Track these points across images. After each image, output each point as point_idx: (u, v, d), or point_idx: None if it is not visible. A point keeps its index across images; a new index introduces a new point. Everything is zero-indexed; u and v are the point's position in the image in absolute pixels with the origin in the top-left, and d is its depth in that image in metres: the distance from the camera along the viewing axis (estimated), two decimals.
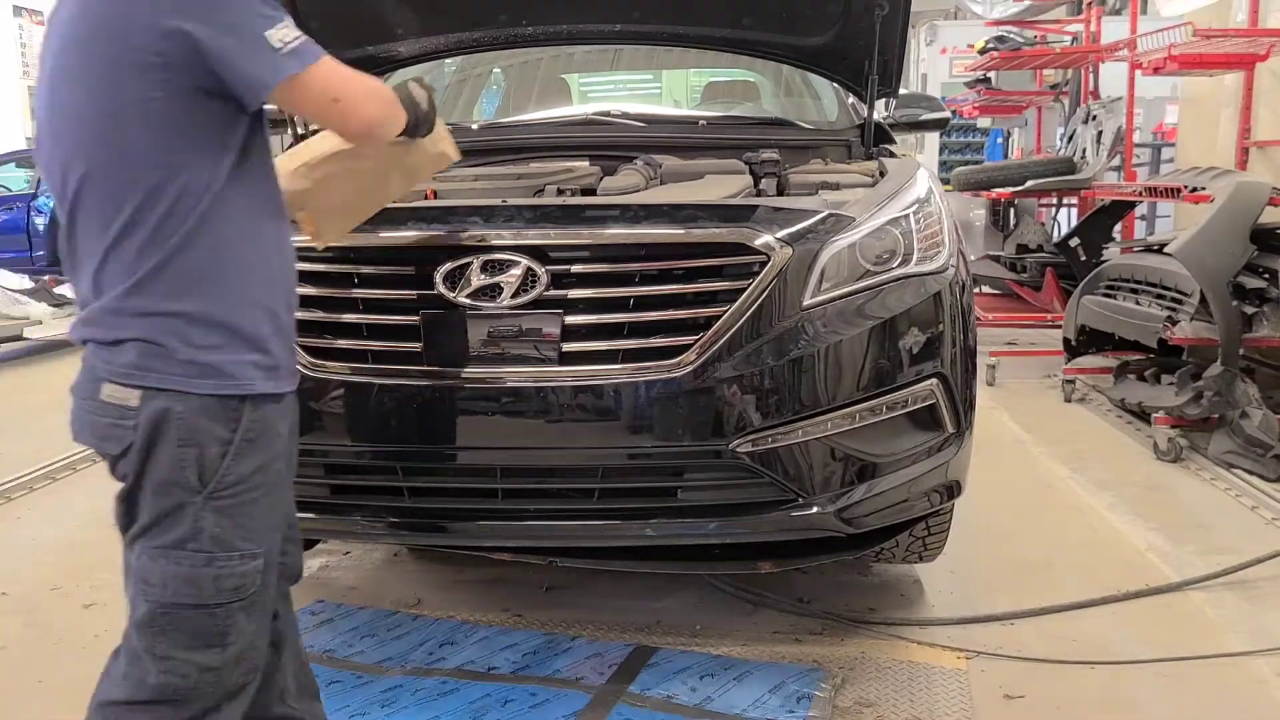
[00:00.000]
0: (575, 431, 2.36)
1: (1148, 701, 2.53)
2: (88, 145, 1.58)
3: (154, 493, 1.61)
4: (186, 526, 1.61)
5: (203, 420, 1.60)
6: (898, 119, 3.66)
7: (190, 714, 1.66)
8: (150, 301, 1.59)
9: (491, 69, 4.44)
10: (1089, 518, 3.84)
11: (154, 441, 1.59)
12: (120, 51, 1.54)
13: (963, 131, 11.52)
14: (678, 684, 2.56)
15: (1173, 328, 4.60)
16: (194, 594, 1.62)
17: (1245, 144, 6.20)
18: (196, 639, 1.63)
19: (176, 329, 1.59)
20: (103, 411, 1.60)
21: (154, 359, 1.58)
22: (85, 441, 1.66)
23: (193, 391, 1.59)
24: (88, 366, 1.64)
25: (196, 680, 1.64)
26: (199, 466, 1.60)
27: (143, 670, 1.64)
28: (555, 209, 2.51)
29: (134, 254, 1.58)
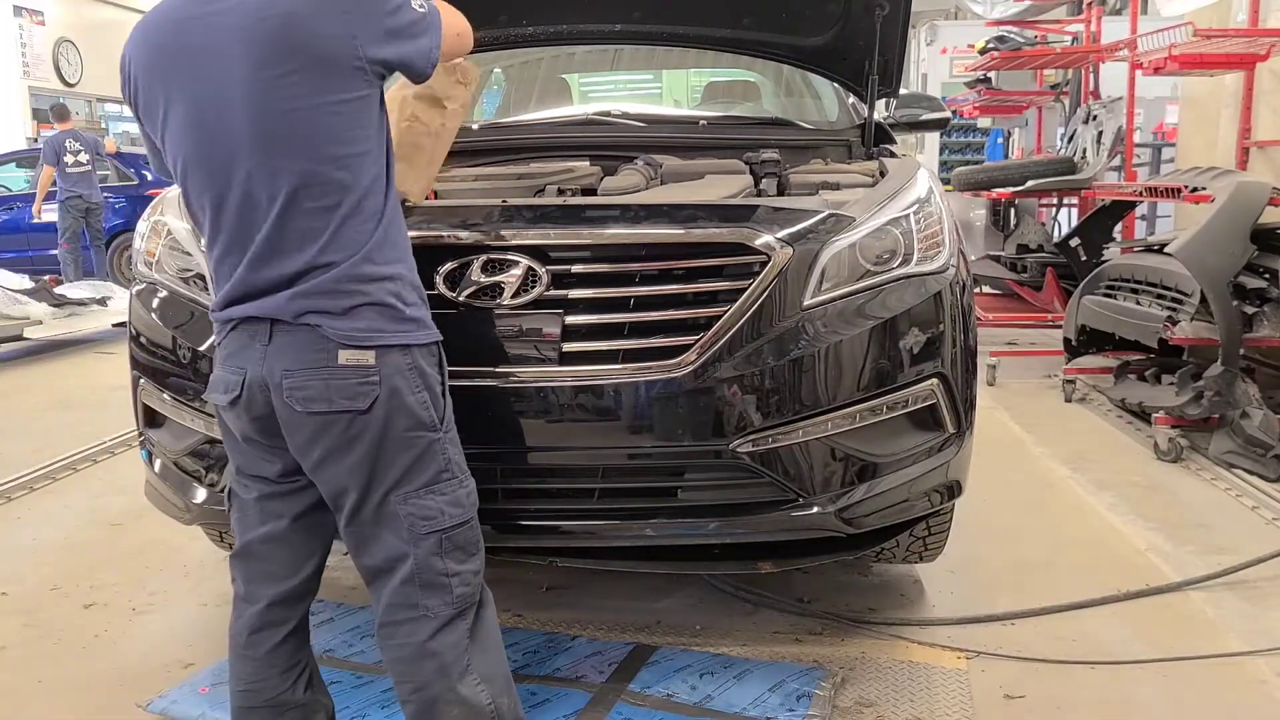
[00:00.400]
0: (575, 431, 2.36)
1: (1148, 701, 2.54)
2: (305, 145, 1.80)
3: (402, 441, 1.86)
4: (439, 461, 1.91)
5: (426, 367, 1.90)
6: (898, 119, 3.66)
7: (473, 617, 1.98)
8: (374, 269, 1.84)
9: (491, 69, 4.44)
10: (1089, 518, 3.84)
11: (396, 390, 1.84)
12: (330, 67, 1.79)
13: (963, 131, 11.51)
14: (677, 682, 2.56)
15: (1173, 328, 4.60)
16: (461, 513, 1.94)
17: (1245, 144, 6.20)
18: (467, 550, 1.96)
19: (395, 292, 1.86)
20: (343, 374, 1.81)
21: (384, 320, 1.84)
22: (322, 408, 1.82)
23: (415, 344, 1.87)
24: (305, 340, 1.81)
25: (474, 585, 1.97)
26: (433, 406, 1.90)
27: (443, 595, 1.92)
28: (555, 209, 2.51)
29: (352, 233, 1.82)
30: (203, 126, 1.82)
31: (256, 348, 1.84)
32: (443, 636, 1.92)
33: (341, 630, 2.89)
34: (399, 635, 1.93)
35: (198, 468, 2.57)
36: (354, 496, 1.89)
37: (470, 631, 1.96)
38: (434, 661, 1.92)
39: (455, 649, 1.93)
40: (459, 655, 1.93)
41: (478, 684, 1.95)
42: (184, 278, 2.55)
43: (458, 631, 1.94)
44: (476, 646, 1.97)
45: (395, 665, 1.96)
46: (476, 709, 1.94)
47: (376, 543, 1.92)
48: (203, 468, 2.54)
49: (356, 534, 1.93)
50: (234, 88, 1.78)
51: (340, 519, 1.94)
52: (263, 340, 1.84)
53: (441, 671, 1.92)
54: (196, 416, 2.48)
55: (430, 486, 1.90)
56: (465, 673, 1.93)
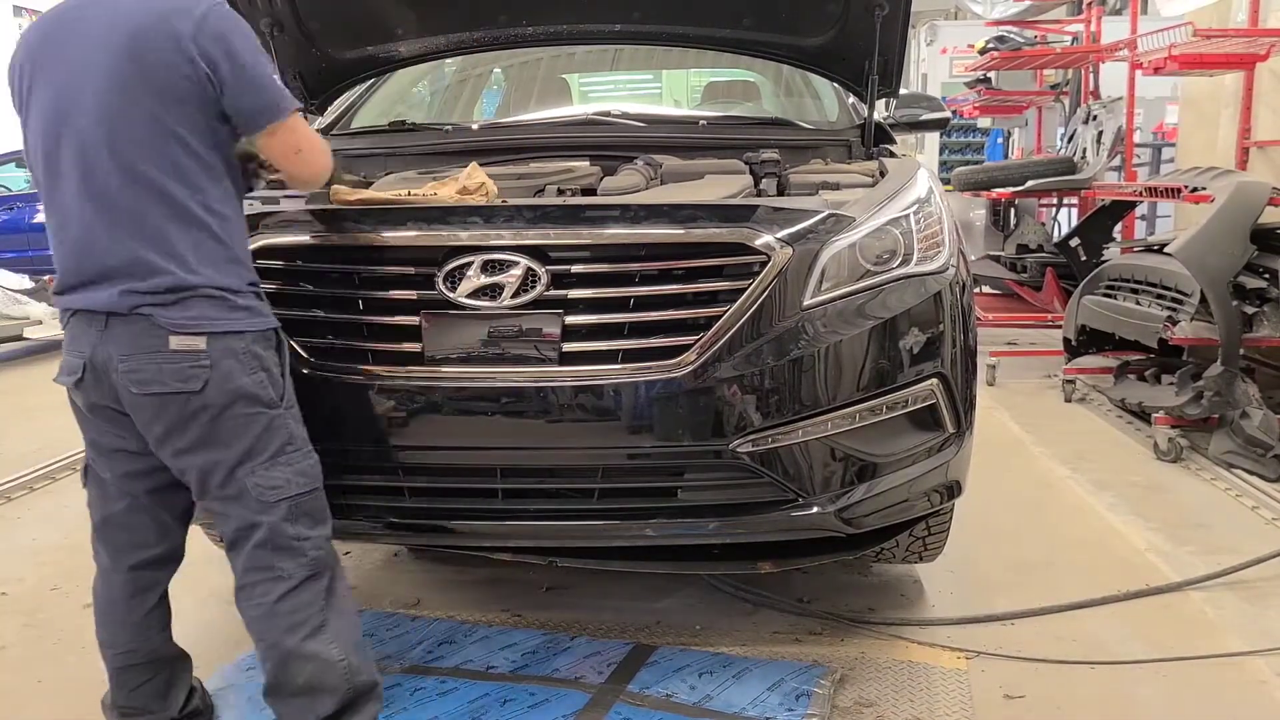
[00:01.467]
0: (575, 431, 2.36)
1: (1148, 701, 2.54)
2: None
3: (241, 419, 2.02)
4: (282, 435, 2.07)
5: (261, 350, 2.05)
6: (898, 119, 3.65)
7: (327, 579, 2.13)
8: (205, 269, 2.01)
9: (491, 69, 4.44)
10: (1089, 518, 3.84)
11: (230, 372, 2.00)
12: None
13: (963, 131, 11.51)
14: (676, 682, 2.56)
15: (1173, 328, 4.60)
16: (307, 482, 2.11)
17: (1245, 144, 6.19)
18: (315, 517, 2.13)
19: (225, 285, 2.02)
20: (174, 359, 1.97)
21: (214, 309, 2.00)
22: (156, 390, 1.97)
23: (247, 330, 2.03)
24: (140, 328, 1.97)
25: (326, 550, 2.13)
26: (271, 386, 2.06)
27: (295, 558, 2.08)
28: (555, 209, 2.51)
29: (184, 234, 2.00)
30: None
31: (93, 333, 2.00)
32: (296, 595, 2.08)
33: None
34: (255, 596, 2.09)
35: None
36: (200, 472, 2.05)
37: (325, 593, 2.12)
38: (287, 619, 2.07)
39: (310, 608, 2.09)
40: (313, 614, 2.09)
41: (331, 642, 2.10)
42: None
43: (311, 591, 2.09)
44: (332, 608, 2.13)
45: (253, 625, 2.11)
46: (328, 664, 2.09)
47: (230, 514, 2.08)
48: None
49: (211, 504, 2.10)
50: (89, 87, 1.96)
51: (193, 492, 2.10)
52: (99, 327, 1.99)
53: (293, 629, 2.07)
54: None
55: (275, 458, 2.06)
56: (319, 630, 2.09)
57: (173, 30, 1.94)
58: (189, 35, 1.94)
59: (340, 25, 3.26)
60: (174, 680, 2.31)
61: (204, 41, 1.95)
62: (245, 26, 2.03)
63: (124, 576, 2.21)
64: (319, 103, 3.48)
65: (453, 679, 2.60)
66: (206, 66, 1.95)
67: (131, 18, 1.96)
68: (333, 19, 3.21)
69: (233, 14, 2.02)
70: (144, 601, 2.22)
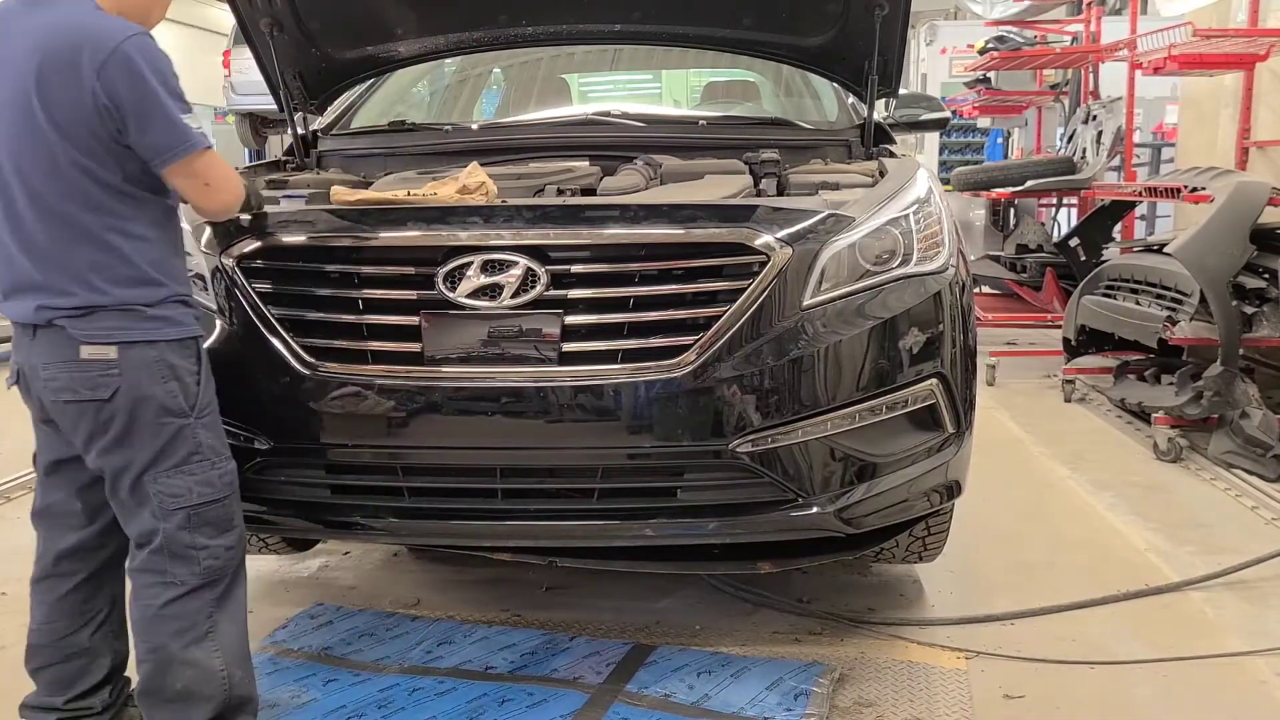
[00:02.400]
0: (575, 431, 2.36)
1: (1148, 701, 2.53)
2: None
3: (151, 427, 2.06)
4: (189, 444, 2.10)
5: (175, 360, 2.08)
6: (898, 119, 3.65)
7: (221, 589, 2.16)
8: (122, 283, 2.05)
9: (491, 69, 4.43)
10: (1089, 518, 3.84)
11: (139, 381, 2.04)
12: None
13: (963, 131, 11.50)
14: (675, 682, 2.56)
15: (1173, 328, 4.60)
16: (211, 492, 2.13)
17: (1245, 144, 6.19)
18: (219, 527, 2.15)
19: (138, 297, 2.06)
20: (85, 368, 2.02)
21: (125, 320, 2.04)
22: (69, 398, 2.05)
23: (160, 339, 2.06)
24: (57, 339, 2.03)
25: (224, 559, 2.16)
26: (183, 395, 2.09)
27: (189, 566, 2.11)
28: (555, 209, 2.51)
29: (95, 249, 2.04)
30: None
31: (25, 341, 2.10)
32: (184, 602, 2.11)
33: (339, 630, 2.89)
34: (144, 598, 2.13)
35: None
36: (113, 474, 2.11)
37: (217, 601, 2.15)
38: (173, 624, 2.11)
39: (197, 614, 2.12)
40: (199, 621, 2.12)
41: (215, 651, 2.13)
42: None
43: (201, 599, 2.13)
44: (223, 615, 2.16)
45: (137, 626, 2.15)
46: (209, 672, 2.12)
47: (135, 517, 2.13)
48: None
49: (119, 507, 2.15)
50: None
51: (106, 491, 2.15)
52: (29, 336, 2.08)
53: (178, 634, 2.11)
54: None
55: (180, 467, 2.10)
56: (203, 638, 2.12)
57: (79, 63, 1.93)
58: (94, 70, 1.92)
59: (340, 25, 3.25)
60: (82, 673, 2.29)
61: (107, 78, 1.93)
62: (159, 61, 1.99)
63: (49, 560, 2.28)
64: (319, 103, 3.48)
65: (451, 679, 2.60)
66: (108, 101, 1.94)
67: (45, 45, 1.96)
68: (333, 19, 3.21)
69: (147, 48, 1.98)
70: (60, 586, 2.26)
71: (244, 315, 2.39)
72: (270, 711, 2.46)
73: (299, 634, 2.87)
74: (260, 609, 3.07)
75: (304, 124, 3.45)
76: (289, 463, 2.46)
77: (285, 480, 2.49)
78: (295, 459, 2.46)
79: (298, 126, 3.38)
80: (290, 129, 3.37)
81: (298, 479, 2.50)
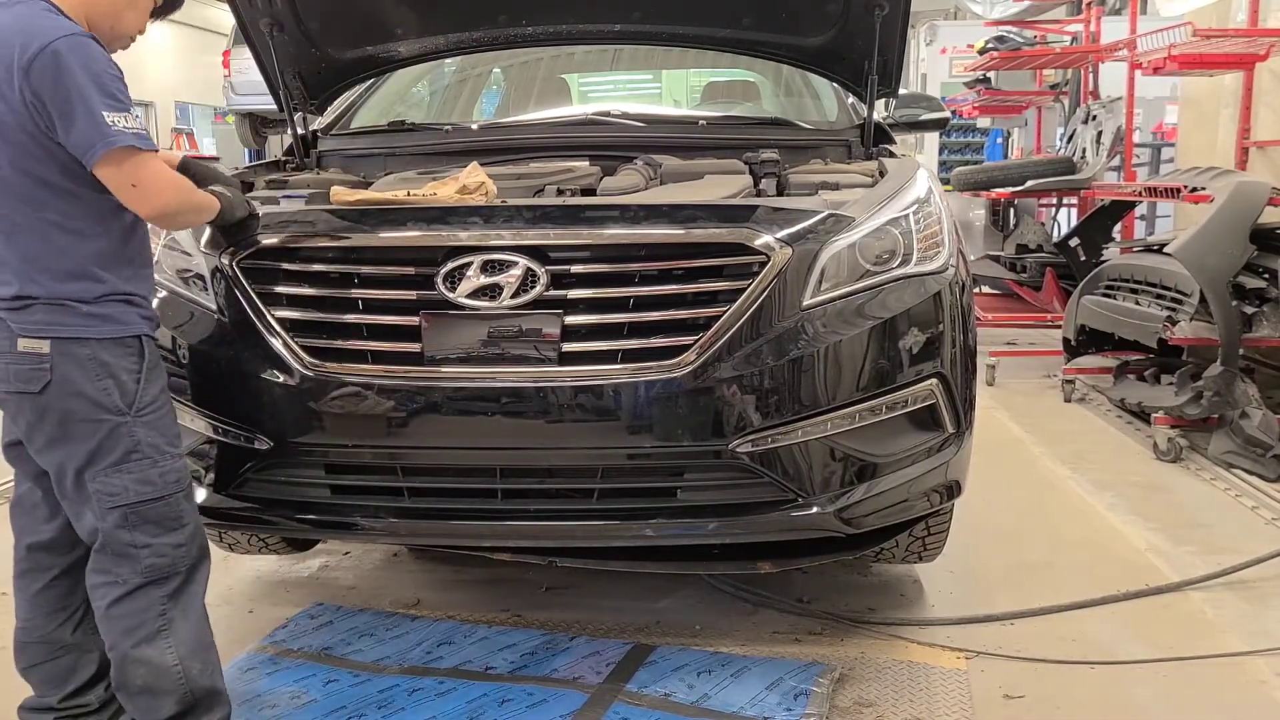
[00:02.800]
0: (575, 431, 2.36)
1: (1148, 701, 2.53)
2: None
3: (84, 424, 2.05)
4: (126, 442, 2.07)
5: (109, 358, 2.06)
6: (898, 119, 3.65)
7: (173, 586, 2.14)
8: (56, 278, 2.06)
9: (491, 69, 4.44)
10: (1089, 518, 3.84)
11: (70, 377, 2.03)
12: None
13: (963, 131, 11.50)
14: (675, 681, 2.56)
15: (1173, 328, 4.60)
16: (150, 490, 2.10)
17: (1245, 144, 6.19)
18: (163, 525, 2.13)
19: (73, 294, 2.05)
20: (19, 360, 2.03)
21: (60, 315, 2.03)
22: (2, 389, 2.06)
23: (93, 337, 2.05)
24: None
25: (173, 557, 2.14)
26: (119, 393, 2.07)
27: (131, 564, 2.10)
28: (555, 209, 2.51)
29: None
30: None
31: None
32: (130, 601, 2.11)
33: (340, 630, 2.89)
34: (95, 597, 2.14)
35: (197, 468, 2.57)
36: (55, 471, 2.11)
37: (169, 598, 2.14)
38: (121, 623, 2.11)
39: (145, 614, 2.12)
40: (148, 620, 2.12)
41: (168, 648, 2.12)
42: (184, 278, 2.55)
43: (148, 598, 2.12)
44: (178, 612, 2.15)
45: (98, 624, 2.16)
46: (163, 669, 2.12)
47: (81, 515, 2.13)
48: (202, 468, 2.54)
49: (67, 505, 2.15)
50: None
51: (55, 489, 2.14)
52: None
53: (127, 633, 2.11)
54: (197, 417, 2.48)
55: (118, 466, 2.08)
56: (155, 636, 2.12)
57: (9, 62, 1.95)
58: (22, 69, 1.93)
59: (340, 25, 3.25)
60: (73, 670, 2.29)
61: (34, 76, 1.93)
62: (93, 61, 1.98)
63: (21, 554, 2.27)
64: (319, 103, 3.48)
65: (451, 679, 2.60)
66: (34, 99, 1.94)
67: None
68: (333, 19, 3.21)
69: (78, 45, 1.97)
70: (35, 580, 2.25)
71: (244, 315, 2.39)
72: (270, 711, 2.46)
73: (299, 634, 2.87)
74: (260, 609, 3.07)
75: (304, 124, 3.45)
76: (289, 463, 2.46)
77: (285, 480, 2.49)
78: (295, 459, 2.46)
79: (298, 126, 3.38)
80: (290, 129, 3.37)
81: (297, 479, 2.50)
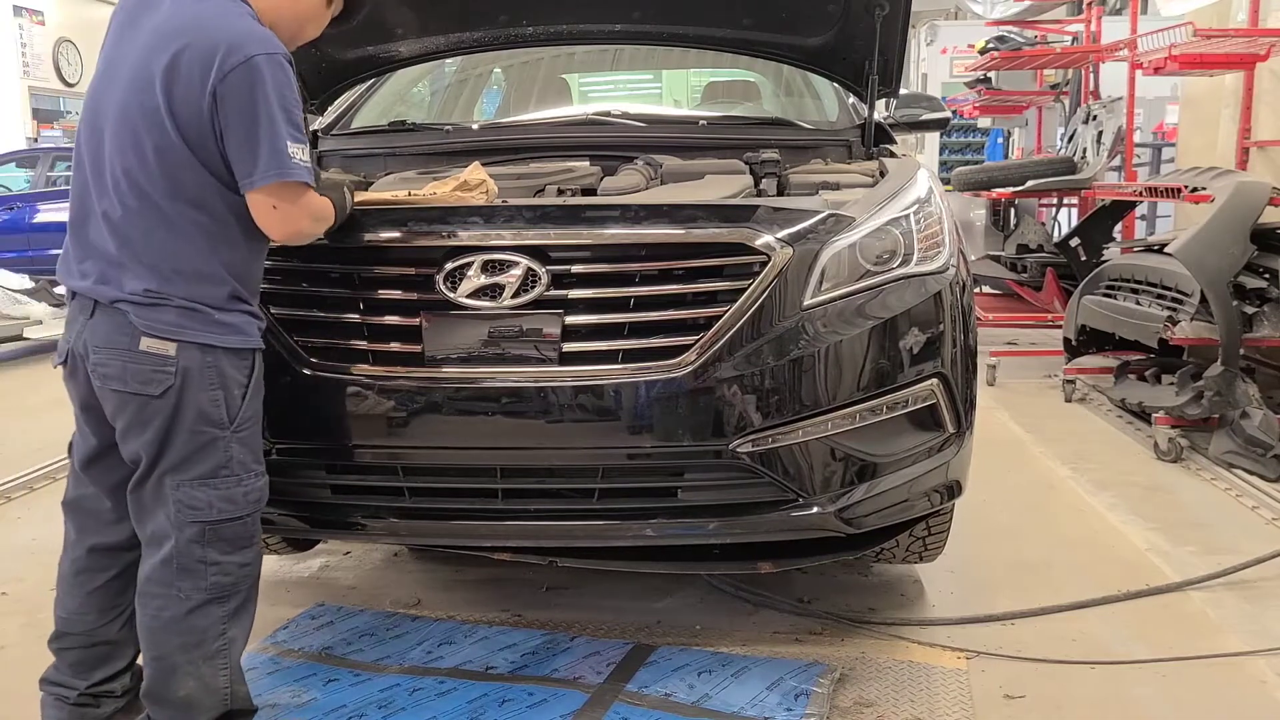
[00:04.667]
0: (575, 431, 2.36)
1: (1148, 701, 2.53)
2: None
3: (188, 432, 2.01)
4: (219, 457, 2.05)
5: (227, 368, 2.05)
6: (898, 119, 3.65)
7: (233, 606, 2.12)
8: (188, 277, 2.04)
9: (491, 69, 4.43)
10: (1089, 518, 3.84)
11: (189, 384, 2.00)
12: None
13: (963, 131, 11.50)
14: (675, 682, 2.56)
15: (1173, 328, 4.60)
16: (233, 509, 2.07)
17: (1245, 144, 6.19)
18: (235, 544, 2.09)
19: (207, 296, 2.04)
20: (141, 360, 1.98)
21: (188, 318, 2.01)
22: (117, 387, 2.00)
23: (218, 345, 2.03)
24: (117, 322, 2.00)
25: (237, 576, 2.11)
26: (225, 406, 2.05)
27: (195, 580, 2.06)
28: (555, 209, 2.51)
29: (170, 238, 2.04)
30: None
31: (81, 320, 2.04)
32: (193, 618, 2.07)
33: (340, 630, 2.89)
34: (150, 607, 2.09)
35: None
36: (141, 469, 2.06)
37: (229, 617, 2.11)
38: (179, 638, 2.07)
39: (207, 631, 2.08)
40: (209, 638, 2.09)
41: (223, 668, 2.10)
42: None
43: (210, 616, 2.08)
44: (239, 632, 2.14)
45: (143, 631, 2.11)
46: (213, 689, 2.10)
47: (150, 517, 2.08)
48: None
49: (136, 501, 2.10)
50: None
51: (130, 483, 2.10)
52: (87, 314, 2.03)
53: (186, 648, 2.07)
54: None
55: (206, 479, 2.04)
56: (214, 656, 2.09)
57: (209, 60, 1.94)
58: (221, 72, 1.94)
59: (340, 25, 3.25)
60: (105, 659, 2.28)
61: (231, 83, 1.94)
62: (284, 81, 1.99)
63: (80, 553, 2.24)
64: (319, 103, 3.48)
65: (452, 679, 2.60)
66: (218, 105, 1.95)
67: (184, 33, 1.97)
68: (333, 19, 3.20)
69: (278, 66, 1.99)
70: (92, 580, 2.23)
71: None
72: (270, 711, 2.46)
73: (299, 634, 2.87)
74: (260, 609, 3.03)
75: (304, 124, 3.44)
76: (290, 463, 2.46)
77: (285, 480, 2.48)
78: (296, 459, 2.46)
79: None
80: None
81: (298, 479, 2.50)
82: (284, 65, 2.02)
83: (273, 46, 2.00)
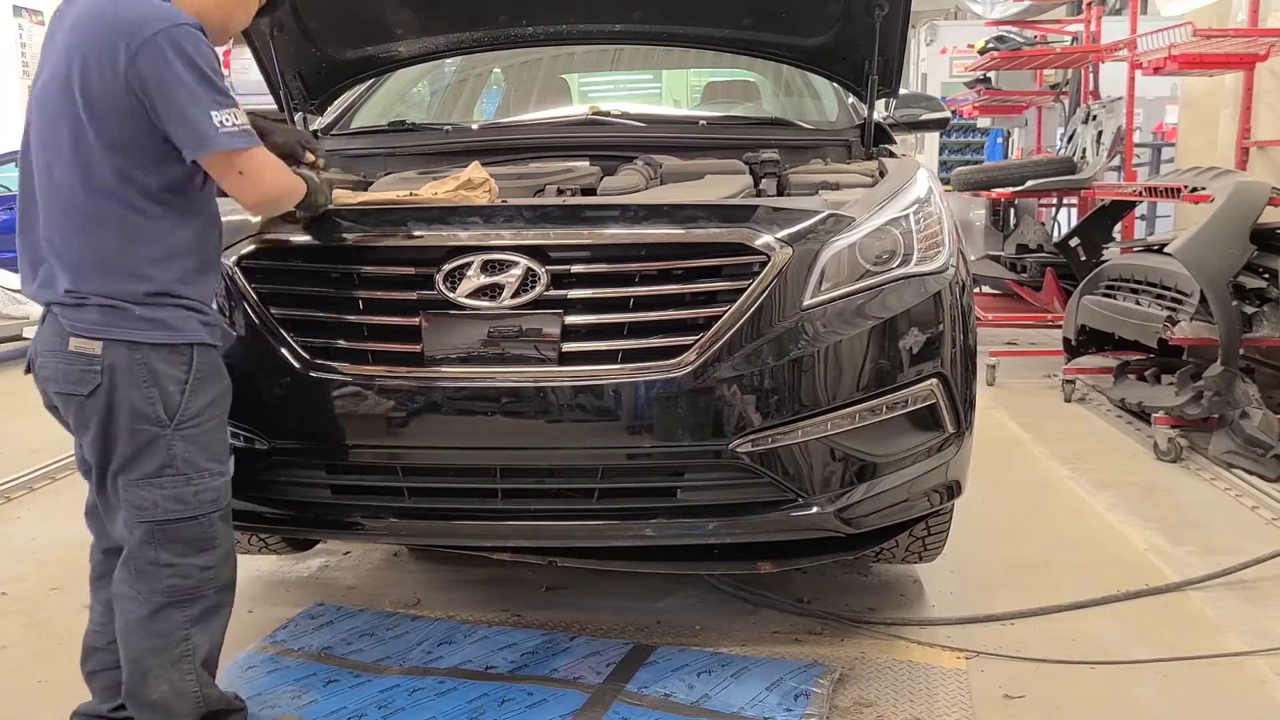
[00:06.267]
0: (575, 431, 2.36)
1: (1148, 701, 2.54)
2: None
3: (126, 431, 1.98)
4: (162, 456, 2.00)
5: (158, 364, 1.99)
6: (898, 119, 3.65)
7: (197, 610, 2.07)
8: (115, 277, 2.01)
9: (491, 69, 4.44)
10: (1089, 518, 3.84)
11: (118, 383, 1.97)
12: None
13: (963, 131, 11.51)
14: (675, 682, 2.56)
15: (1173, 328, 4.60)
16: (182, 509, 2.02)
17: (1245, 144, 6.19)
18: (192, 545, 2.05)
19: (129, 293, 2.01)
20: (70, 360, 1.98)
21: (112, 316, 1.98)
22: (54, 388, 2.03)
23: (144, 342, 1.98)
24: (53, 326, 2.01)
25: (198, 579, 2.06)
26: (162, 403, 1.99)
27: (149, 583, 2.03)
28: (555, 209, 2.51)
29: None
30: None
31: (39, 326, 2.08)
32: (155, 622, 2.05)
33: (340, 630, 2.89)
34: (121, 609, 2.09)
35: None
36: (96, 471, 2.07)
37: (193, 621, 2.07)
38: (147, 641, 2.05)
39: (169, 635, 2.05)
40: (173, 643, 2.06)
41: (189, 674, 2.07)
42: None
43: (171, 620, 2.05)
44: (203, 637, 2.09)
45: (118, 634, 2.10)
46: (183, 693, 2.07)
47: (115, 518, 2.09)
48: None
49: (104, 504, 2.11)
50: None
51: (94, 487, 2.11)
52: (40, 319, 2.06)
53: (153, 651, 2.05)
54: None
55: (151, 479, 2.01)
56: (179, 660, 2.06)
57: (115, 48, 1.91)
58: (130, 53, 1.90)
59: (340, 25, 3.26)
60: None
61: (143, 62, 1.90)
62: (198, 51, 1.94)
63: (99, 558, 2.25)
64: (319, 103, 3.48)
65: (452, 679, 2.60)
66: (139, 90, 1.91)
67: (91, 23, 1.95)
68: (333, 19, 3.21)
69: (191, 37, 1.93)
70: (108, 585, 2.19)
71: (244, 315, 2.39)
72: (270, 711, 2.46)
73: (299, 634, 2.87)
74: (260, 609, 3.07)
75: (304, 124, 3.45)
76: (289, 463, 2.46)
77: (285, 480, 2.49)
78: (295, 459, 2.46)
79: (298, 126, 3.38)
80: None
81: (298, 479, 2.50)
82: (192, 33, 1.95)
83: (176, 19, 1.94)
